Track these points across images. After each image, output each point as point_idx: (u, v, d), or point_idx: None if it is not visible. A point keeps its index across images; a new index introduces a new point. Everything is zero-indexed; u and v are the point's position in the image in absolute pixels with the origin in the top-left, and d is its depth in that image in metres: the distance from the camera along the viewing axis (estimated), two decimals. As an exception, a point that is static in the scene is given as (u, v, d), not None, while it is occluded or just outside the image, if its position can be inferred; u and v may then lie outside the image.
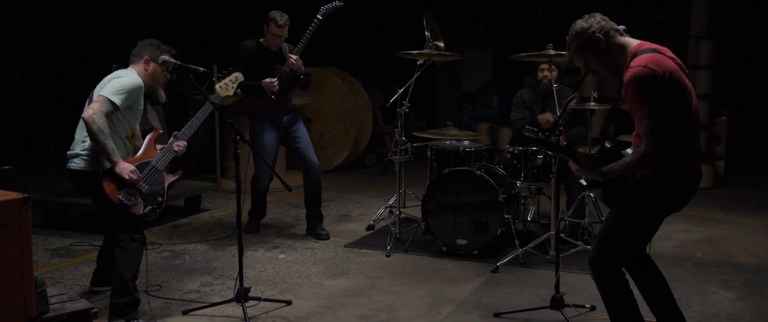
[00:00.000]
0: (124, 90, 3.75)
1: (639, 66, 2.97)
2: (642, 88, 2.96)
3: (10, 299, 3.02)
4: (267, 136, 5.56)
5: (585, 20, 3.17)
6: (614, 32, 3.15)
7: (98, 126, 3.64)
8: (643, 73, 2.95)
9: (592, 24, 3.14)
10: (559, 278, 3.98)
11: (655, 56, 3.02)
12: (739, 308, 4.25)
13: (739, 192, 7.85)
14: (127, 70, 3.91)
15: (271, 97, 5.48)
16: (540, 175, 5.26)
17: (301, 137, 5.68)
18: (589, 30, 3.13)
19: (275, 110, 5.54)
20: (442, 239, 5.21)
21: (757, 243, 5.75)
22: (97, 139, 3.66)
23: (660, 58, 3.02)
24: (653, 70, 2.95)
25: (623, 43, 3.16)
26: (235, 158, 3.96)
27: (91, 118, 3.63)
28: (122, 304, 3.75)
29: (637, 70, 2.97)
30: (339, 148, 8.76)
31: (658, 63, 2.98)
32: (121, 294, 3.77)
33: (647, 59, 2.99)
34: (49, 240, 5.51)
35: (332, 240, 5.65)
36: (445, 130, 5.87)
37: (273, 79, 5.45)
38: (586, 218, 5.37)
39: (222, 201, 7.08)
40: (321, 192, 5.74)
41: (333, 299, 4.34)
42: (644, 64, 2.97)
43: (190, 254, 5.22)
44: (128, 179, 3.75)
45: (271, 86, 5.45)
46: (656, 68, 2.96)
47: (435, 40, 5.71)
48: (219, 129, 7.38)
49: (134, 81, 3.81)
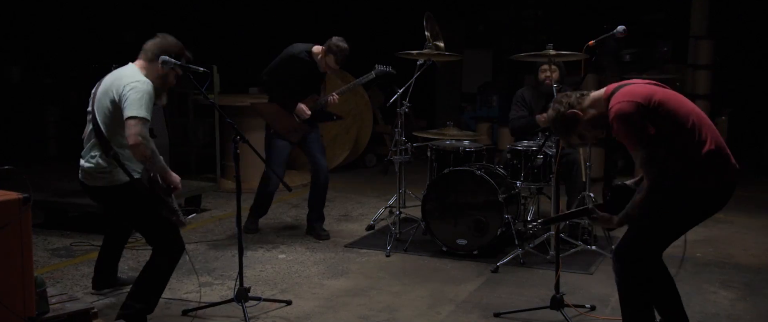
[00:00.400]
0: (148, 100, 3.62)
1: (619, 102, 3.07)
2: (626, 122, 3.05)
3: (10, 299, 3.02)
4: (280, 141, 5.57)
5: (552, 109, 3.33)
6: (580, 98, 3.28)
7: (151, 149, 3.56)
8: (623, 108, 3.05)
9: (560, 107, 3.28)
10: (559, 278, 3.98)
11: (628, 89, 3.12)
12: (739, 308, 4.25)
13: (739, 192, 7.81)
14: (134, 71, 3.75)
15: (294, 117, 5.50)
16: (540, 175, 5.27)
17: (312, 139, 5.69)
18: (561, 113, 3.27)
19: (293, 133, 5.57)
20: (442, 239, 5.21)
21: (757, 243, 5.75)
22: (151, 162, 3.60)
23: (632, 88, 3.12)
24: (632, 101, 3.04)
25: (594, 99, 3.27)
26: (235, 158, 3.95)
27: (141, 146, 3.51)
28: (137, 309, 3.71)
29: (617, 107, 3.07)
30: (339, 148, 8.76)
31: (633, 93, 3.09)
32: (140, 300, 3.72)
33: (622, 94, 3.10)
34: (49, 240, 5.51)
35: (332, 240, 5.65)
36: (445, 130, 5.87)
37: (306, 108, 5.48)
38: (587, 218, 5.37)
39: (222, 201, 7.08)
40: (326, 194, 5.76)
41: (333, 299, 4.34)
42: (621, 99, 3.07)
43: (190, 254, 5.22)
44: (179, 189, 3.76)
45: (302, 113, 5.49)
46: (633, 98, 3.05)
47: (435, 40, 5.71)
48: (219, 129, 7.38)
49: (150, 88, 3.68)
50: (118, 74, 3.76)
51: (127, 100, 3.58)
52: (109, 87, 3.71)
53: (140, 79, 3.69)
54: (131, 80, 3.66)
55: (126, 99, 3.58)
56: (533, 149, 5.26)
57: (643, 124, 3.03)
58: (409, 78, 5.78)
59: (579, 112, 3.25)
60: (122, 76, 3.72)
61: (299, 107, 5.49)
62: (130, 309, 3.70)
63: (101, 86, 3.78)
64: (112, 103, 3.67)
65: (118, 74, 3.76)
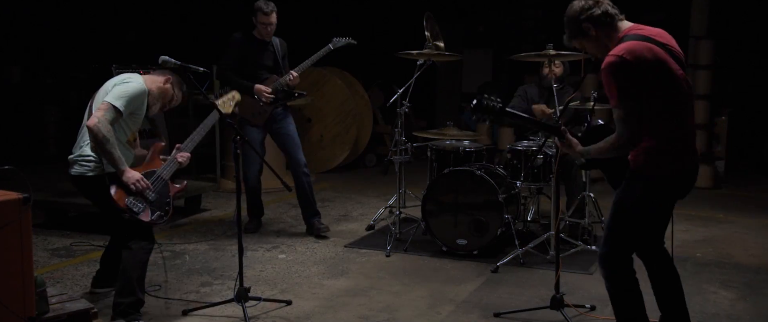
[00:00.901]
0: (128, 96, 3.71)
1: (613, 55, 3.00)
2: (612, 77, 2.98)
3: (10, 299, 3.02)
4: (249, 132, 5.56)
5: (578, 2, 3.19)
6: (606, 18, 3.15)
7: (103, 134, 3.61)
8: (614, 62, 2.97)
9: (583, 9, 3.15)
10: (559, 278, 3.98)
11: (631, 45, 3.01)
12: (739, 308, 4.25)
13: (739, 192, 7.85)
14: (134, 76, 3.86)
15: (257, 101, 5.51)
16: (540, 175, 5.27)
17: (287, 134, 5.67)
18: (579, 16, 3.15)
19: (258, 116, 5.57)
20: (442, 239, 5.21)
21: (757, 243, 5.75)
22: (103, 148, 3.64)
23: (636, 45, 3.01)
24: (625, 59, 2.96)
25: (614, 29, 3.17)
26: (235, 158, 3.96)
27: (96, 126, 3.60)
28: (126, 304, 3.74)
29: (610, 58, 2.99)
30: (339, 148, 8.76)
31: (632, 51, 2.98)
32: (125, 294, 3.76)
33: (623, 48, 3.00)
34: (49, 240, 5.51)
35: (332, 240, 5.65)
36: (445, 130, 5.87)
37: (266, 88, 5.48)
38: (586, 218, 5.37)
39: (222, 201, 7.08)
40: (312, 189, 5.74)
41: (333, 299, 4.34)
42: (618, 52, 2.99)
43: (190, 254, 5.23)
44: (135, 188, 3.74)
45: (262, 94, 5.49)
46: (628, 57, 2.96)
47: (435, 40, 5.71)
48: (219, 129, 7.39)
49: (139, 87, 3.77)
50: (121, 80, 3.85)
51: (111, 91, 3.72)
52: (109, 84, 3.82)
53: (137, 79, 3.81)
54: (128, 78, 3.81)
55: (110, 90, 3.73)
56: (533, 149, 5.26)
57: (624, 83, 2.96)
58: (409, 78, 5.78)
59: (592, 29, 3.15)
60: (125, 76, 3.85)
61: (257, 87, 5.49)
62: (120, 306, 3.74)
63: (104, 85, 3.85)
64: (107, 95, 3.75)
65: (121, 80, 3.85)
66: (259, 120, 5.58)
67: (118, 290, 3.79)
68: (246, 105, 5.54)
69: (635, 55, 2.97)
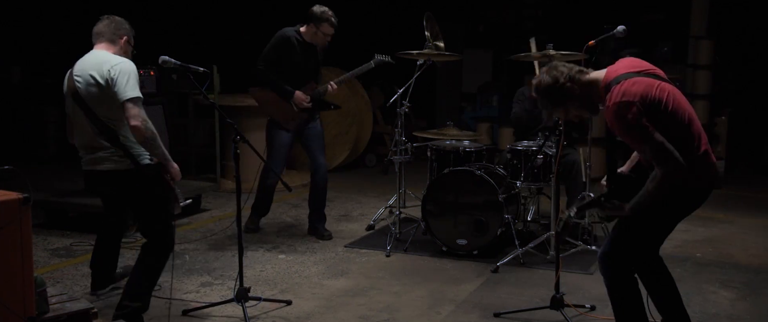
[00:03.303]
0: (135, 78, 3.65)
1: (614, 103, 2.99)
2: (626, 122, 2.98)
3: (10, 299, 3.03)
4: (283, 136, 5.53)
5: (548, 74, 3.19)
6: (579, 74, 3.18)
7: (151, 131, 3.57)
8: (621, 109, 2.97)
9: (559, 76, 3.16)
10: (559, 278, 3.98)
11: (624, 85, 3.02)
12: (739, 308, 4.25)
13: (739, 192, 7.84)
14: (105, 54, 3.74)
15: (292, 106, 5.47)
16: (540, 175, 5.26)
17: (313, 136, 5.63)
18: (559, 82, 3.15)
19: (290, 121, 5.52)
20: (442, 239, 5.21)
21: (757, 243, 5.75)
22: (153, 143, 3.60)
23: (629, 84, 3.02)
24: (629, 101, 2.97)
25: (592, 80, 3.18)
26: (235, 158, 3.95)
27: (144, 125, 3.54)
28: (132, 308, 3.71)
29: (614, 108, 2.99)
30: (339, 148, 8.76)
31: (629, 92, 2.99)
32: (134, 298, 3.72)
33: (619, 93, 3.00)
34: (49, 240, 5.51)
35: (332, 240, 5.65)
36: (445, 130, 5.87)
37: (306, 97, 5.46)
38: (586, 218, 5.37)
39: (222, 201, 7.08)
40: (326, 194, 5.74)
41: (333, 299, 4.34)
42: (618, 100, 2.99)
43: (190, 254, 5.22)
44: (179, 178, 3.78)
45: (300, 102, 5.45)
46: (630, 98, 2.98)
47: (435, 40, 5.71)
48: (219, 129, 7.38)
49: (133, 66, 3.69)
50: (91, 61, 3.72)
51: (117, 84, 3.58)
52: (88, 75, 3.66)
53: (119, 59, 3.69)
54: (112, 63, 3.64)
55: (115, 82, 3.59)
56: (533, 149, 5.26)
57: (642, 123, 2.97)
58: (409, 78, 5.78)
59: (576, 87, 3.16)
60: (97, 61, 3.69)
61: (297, 95, 5.42)
62: (126, 309, 3.70)
63: (77, 79, 3.70)
64: (100, 88, 3.63)
65: (91, 61, 3.72)
66: (290, 126, 5.52)
67: (128, 291, 3.74)
68: (280, 109, 5.49)
69: (634, 93, 2.98)
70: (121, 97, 3.57)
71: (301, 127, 5.58)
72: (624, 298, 3.28)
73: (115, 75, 3.59)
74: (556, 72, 3.18)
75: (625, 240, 3.22)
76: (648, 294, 3.38)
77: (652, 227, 3.21)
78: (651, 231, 3.23)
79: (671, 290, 3.36)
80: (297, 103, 5.45)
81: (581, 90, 3.17)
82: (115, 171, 3.73)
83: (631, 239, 3.22)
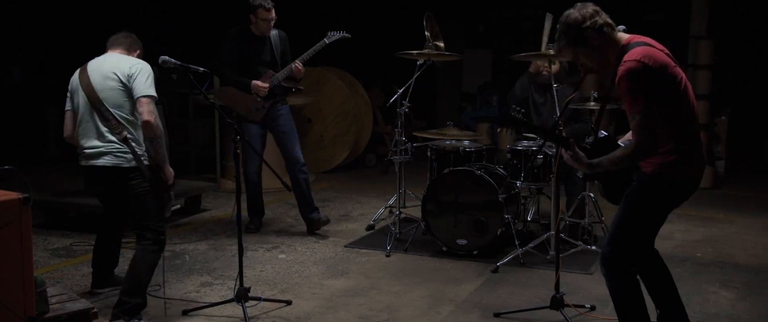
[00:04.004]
0: (153, 79, 3.81)
1: (632, 60, 2.96)
2: (635, 82, 2.95)
3: (10, 299, 3.03)
4: (249, 128, 5.57)
5: (578, 11, 3.13)
6: (607, 28, 3.12)
7: (161, 129, 3.73)
8: (637, 68, 2.94)
9: (586, 17, 3.10)
10: (559, 278, 3.98)
11: (648, 50, 3.00)
12: (739, 308, 4.25)
13: (739, 192, 7.84)
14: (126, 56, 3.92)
15: (253, 97, 5.51)
16: (540, 175, 5.26)
17: (286, 131, 5.64)
18: (582, 24, 3.10)
19: (255, 112, 5.57)
20: (442, 239, 5.21)
21: (757, 243, 5.75)
22: (158, 142, 3.75)
23: (653, 51, 3.01)
24: (647, 64, 2.94)
25: (614, 39, 3.14)
26: (235, 158, 3.96)
27: (156, 122, 3.70)
28: (132, 304, 3.73)
29: (630, 64, 2.95)
30: (339, 148, 8.76)
31: (652, 57, 2.97)
32: (133, 294, 3.75)
33: (640, 53, 2.97)
34: (49, 240, 5.51)
35: (332, 240, 5.65)
36: (445, 130, 5.87)
37: (263, 84, 5.48)
38: (586, 218, 5.37)
39: (222, 201, 7.08)
40: (309, 187, 5.72)
41: (333, 299, 4.34)
42: (637, 58, 2.95)
43: (190, 254, 5.23)
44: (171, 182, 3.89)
45: (259, 89, 5.49)
46: (650, 62, 2.95)
47: (435, 40, 5.71)
48: (219, 129, 7.38)
49: (150, 68, 3.87)
50: (111, 61, 3.86)
51: (136, 81, 3.76)
52: (107, 72, 3.80)
53: (139, 60, 3.88)
54: (132, 62, 3.84)
55: (134, 79, 3.76)
56: (533, 149, 5.26)
57: (645, 90, 2.93)
58: (409, 78, 5.78)
59: (596, 37, 3.08)
60: (118, 60, 3.86)
61: (254, 84, 5.49)
62: (127, 305, 3.73)
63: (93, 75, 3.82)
64: (120, 83, 3.77)
65: (111, 61, 3.86)
66: (256, 116, 5.57)
67: (126, 288, 3.77)
68: (243, 102, 5.55)
69: (655, 60, 2.97)
70: (138, 92, 3.74)
71: (267, 117, 5.60)
72: (626, 297, 3.28)
73: (135, 72, 3.78)
74: (585, 11, 3.11)
75: (624, 239, 3.22)
76: (646, 287, 3.38)
77: (645, 224, 3.21)
78: (644, 228, 3.22)
79: (669, 281, 3.36)
80: (255, 91, 5.50)
81: (600, 42, 3.11)
82: (114, 167, 3.80)
83: (630, 238, 3.22)
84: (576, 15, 3.13)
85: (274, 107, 5.61)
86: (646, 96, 2.95)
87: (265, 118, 5.61)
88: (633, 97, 2.96)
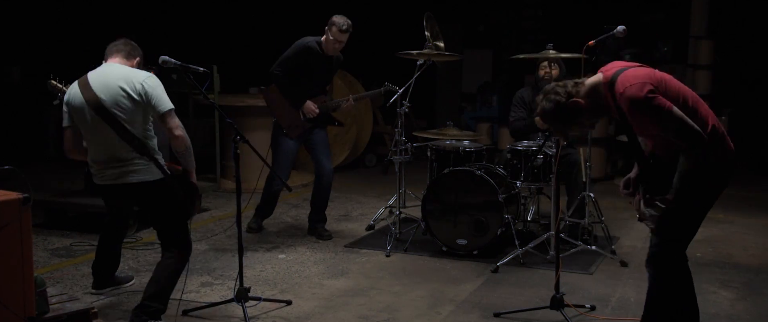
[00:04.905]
0: (163, 89, 3.75)
1: (626, 89, 2.97)
2: (646, 105, 2.94)
3: (10, 299, 3.03)
4: (288, 143, 5.57)
5: (548, 100, 3.16)
6: (576, 87, 3.15)
7: (189, 142, 3.73)
8: (636, 92, 2.94)
9: (558, 97, 3.13)
10: (559, 278, 3.98)
11: (627, 74, 3.02)
12: (739, 308, 4.25)
13: (739, 192, 7.84)
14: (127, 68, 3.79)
15: (299, 114, 5.50)
16: (540, 175, 5.26)
17: (318, 142, 5.66)
18: (562, 104, 3.13)
19: (293, 128, 5.55)
20: (442, 239, 5.21)
21: (757, 243, 5.75)
22: (189, 154, 3.75)
23: (632, 72, 3.03)
24: (641, 82, 2.96)
25: (592, 85, 3.16)
26: (234, 158, 3.95)
27: (185, 136, 3.69)
28: (154, 309, 3.69)
29: (629, 93, 2.96)
30: (339, 148, 8.76)
31: (636, 76, 2.99)
32: (158, 300, 3.71)
33: (626, 79, 2.99)
34: (49, 240, 5.51)
35: (332, 240, 5.65)
36: (445, 130, 5.87)
37: (315, 107, 5.49)
38: (586, 218, 5.37)
39: (222, 201, 7.08)
40: (329, 196, 5.76)
41: (333, 299, 4.34)
42: (628, 84, 2.97)
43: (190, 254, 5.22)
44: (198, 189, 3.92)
45: (309, 111, 5.48)
46: (641, 79, 2.97)
47: (435, 40, 5.71)
48: (219, 129, 7.38)
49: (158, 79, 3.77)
50: (114, 74, 3.70)
51: (153, 98, 3.66)
52: (113, 86, 3.64)
53: (145, 73, 3.76)
54: (140, 77, 3.69)
55: (150, 96, 3.66)
56: (533, 149, 5.26)
57: (660, 100, 2.93)
58: (409, 78, 5.78)
59: (580, 100, 3.13)
60: (122, 73, 3.71)
61: (307, 104, 5.47)
62: (149, 309, 3.67)
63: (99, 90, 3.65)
64: (133, 101, 3.64)
65: (114, 74, 3.70)
66: (292, 133, 5.55)
67: (152, 293, 3.70)
68: (286, 113, 5.52)
69: (644, 77, 2.98)
70: (160, 109, 3.66)
71: (303, 137, 5.62)
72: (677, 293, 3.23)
73: (149, 89, 3.66)
74: (554, 96, 3.15)
75: (675, 234, 3.18)
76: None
77: (698, 214, 3.19)
78: (697, 219, 3.20)
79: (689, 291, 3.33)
80: (306, 111, 5.48)
81: (586, 100, 3.14)
82: (145, 182, 3.71)
83: (681, 230, 3.18)
84: (549, 105, 3.16)
85: (312, 130, 5.61)
86: (660, 109, 2.94)
87: (301, 136, 5.62)
88: (651, 117, 2.98)
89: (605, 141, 8.18)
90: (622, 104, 3.01)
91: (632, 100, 2.95)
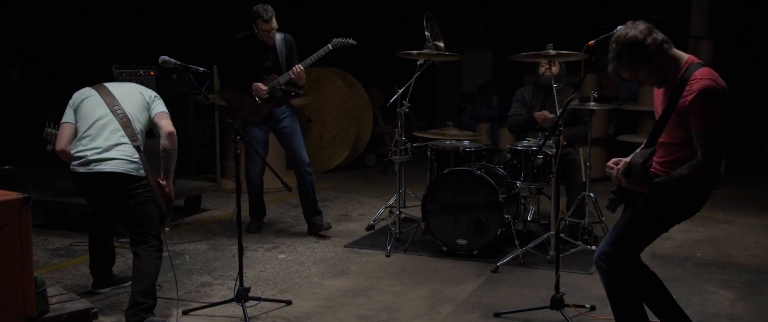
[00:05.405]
0: None
1: (709, 80, 2.97)
2: (712, 102, 2.95)
3: (10, 299, 3.03)
4: (252, 131, 5.62)
5: (637, 30, 3.06)
6: (666, 44, 3.10)
7: (177, 142, 4.00)
8: (715, 88, 2.95)
9: (646, 36, 3.05)
10: (559, 278, 3.98)
11: (715, 73, 3.03)
12: (739, 308, 4.25)
13: (739, 192, 7.85)
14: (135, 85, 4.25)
15: (254, 99, 5.55)
16: (540, 175, 5.26)
17: (291, 133, 5.68)
18: (644, 42, 3.04)
19: (255, 114, 5.61)
20: (442, 239, 5.21)
21: (757, 243, 5.75)
22: (174, 154, 3.99)
23: (716, 74, 3.03)
24: (723, 87, 2.97)
25: (675, 56, 3.13)
26: (235, 158, 3.96)
27: (174, 134, 3.98)
28: (148, 305, 3.74)
29: (708, 83, 2.96)
30: (339, 148, 8.76)
31: (719, 80, 3.00)
32: (148, 295, 3.76)
33: (710, 72, 3.00)
34: (49, 240, 5.51)
35: (332, 240, 5.65)
36: (445, 130, 5.87)
37: (263, 87, 5.51)
38: (586, 218, 5.37)
39: (222, 201, 7.08)
40: (314, 189, 5.74)
41: (333, 299, 4.34)
42: (713, 78, 2.97)
43: (190, 254, 5.23)
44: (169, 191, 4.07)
45: (258, 92, 5.53)
46: (722, 84, 2.98)
47: (435, 40, 5.71)
48: (219, 129, 7.38)
49: None
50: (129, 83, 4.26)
51: (155, 102, 4.12)
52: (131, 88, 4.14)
53: None
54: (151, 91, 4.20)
55: (154, 102, 4.12)
56: (533, 149, 5.26)
57: (721, 107, 2.94)
58: (409, 78, 5.78)
59: (656, 54, 3.04)
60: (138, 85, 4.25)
61: (254, 86, 5.54)
62: (144, 305, 3.72)
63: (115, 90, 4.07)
64: (144, 101, 4.07)
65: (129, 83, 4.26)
66: (256, 117, 5.61)
67: (140, 290, 3.76)
68: (244, 104, 5.60)
69: (723, 84, 3.00)
70: (158, 110, 4.08)
71: (270, 119, 5.63)
72: (622, 297, 3.27)
73: (155, 97, 4.16)
74: (643, 29, 3.06)
75: (628, 241, 3.21)
76: (643, 300, 3.37)
77: (652, 230, 3.22)
78: (649, 234, 3.23)
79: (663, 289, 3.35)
80: (256, 92, 5.55)
81: (660, 58, 3.08)
82: (122, 173, 3.84)
83: (634, 241, 3.21)
84: (635, 33, 3.06)
85: (275, 110, 5.61)
86: (718, 117, 2.96)
87: (268, 120, 5.63)
88: (706, 116, 2.96)
89: (605, 141, 8.17)
90: (693, 87, 2.98)
91: (706, 88, 2.95)
